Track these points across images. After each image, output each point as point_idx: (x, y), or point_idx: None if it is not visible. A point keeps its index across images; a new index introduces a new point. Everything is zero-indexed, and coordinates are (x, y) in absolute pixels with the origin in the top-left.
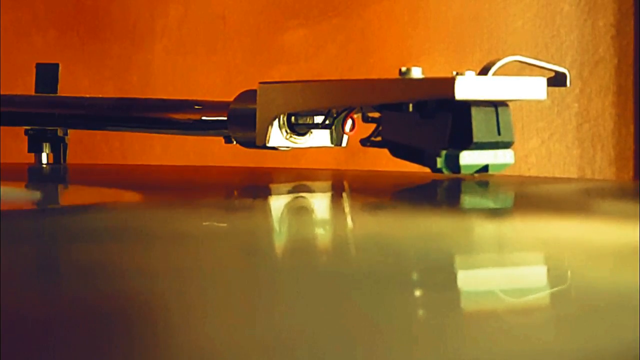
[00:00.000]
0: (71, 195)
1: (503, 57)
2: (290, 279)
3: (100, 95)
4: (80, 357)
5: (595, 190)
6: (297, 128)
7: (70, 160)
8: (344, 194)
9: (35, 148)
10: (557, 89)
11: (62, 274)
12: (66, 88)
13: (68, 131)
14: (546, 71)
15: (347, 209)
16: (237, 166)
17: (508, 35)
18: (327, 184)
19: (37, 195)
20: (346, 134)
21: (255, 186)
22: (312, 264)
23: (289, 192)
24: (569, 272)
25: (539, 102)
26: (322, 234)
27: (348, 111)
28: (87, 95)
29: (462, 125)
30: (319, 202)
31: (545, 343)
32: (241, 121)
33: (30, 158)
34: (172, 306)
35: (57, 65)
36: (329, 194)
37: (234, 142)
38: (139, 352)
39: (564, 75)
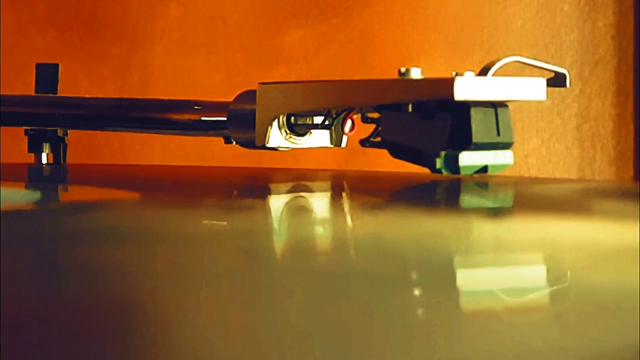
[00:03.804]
0: (71, 196)
1: (503, 58)
2: (289, 279)
3: (100, 95)
4: (80, 357)
5: (595, 190)
6: (297, 128)
7: (70, 160)
8: (344, 195)
9: (35, 148)
10: (557, 88)
11: (62, 274)
12: (66, 88)
13: (68, 131)
14: (546, 71)
15: (346, 210)
16: (237, 166)
17: (508, 35)
18: (327, 184)
19: (37, 195)
20: (346, 134)
21: (255, 186)
22: (311, 264)
23: (289, 192)
24: (568, 273)
25: (538, 102)
26: (322, 235)
27: (347, 112)
28: (87, 95)
29: (462, 125)
30: (319, 203)
31: (545, 343)
32: (241, 121)
33: (30, 158)
34: (171, 306)
35: (57, 65)
36: (328, 195)
37: (234, 143)
38: (138, 352)
39: (563, 76)
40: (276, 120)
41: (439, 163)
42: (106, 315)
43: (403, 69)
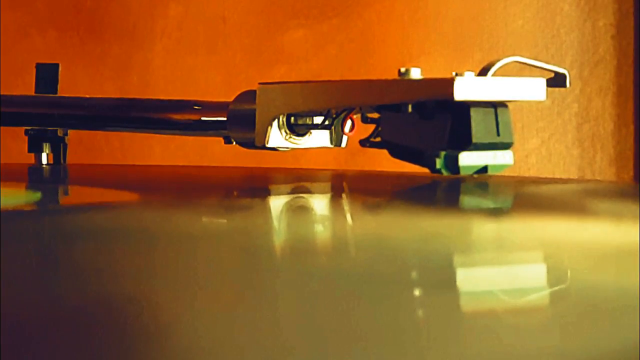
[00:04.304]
0: (71, 196)
1: (503, 58)
2: (289, 279)
3: (100, 95)
4: (80, 357)
5: (595, 190)
6: (297, 128)
7: (70, 160)
8: (344, 195)
9: (35, 148)
10: (557, 88)
11: (62, 274)
12: (66, 88)
13: (68, 131)
14: (546, 72)
15: (346, 210)
16: (237, 166)
17: (508, 35)
18: (327, 184)
19: (37, 195)
20: (346, 134)
21: (255, 186)
22: (311, 264)
23: (289, 192)
24: (568, 273)
25: (539, 102)
26: (322, 234)
27: (347, 112)
28: (87, 95)
29: (461, 126)
30: (319, 203)
31: (545, 343)
32: (241, 122)
33: (30, 158)
34: (171, 306)
35: (57, 65)
36: (328, 195)
37: (234, 143)
38: (138, 352)
39: (563, 76)
40: (276, 120)
41: (438, 163)
42: (106, 316)
43: (403, 69)
